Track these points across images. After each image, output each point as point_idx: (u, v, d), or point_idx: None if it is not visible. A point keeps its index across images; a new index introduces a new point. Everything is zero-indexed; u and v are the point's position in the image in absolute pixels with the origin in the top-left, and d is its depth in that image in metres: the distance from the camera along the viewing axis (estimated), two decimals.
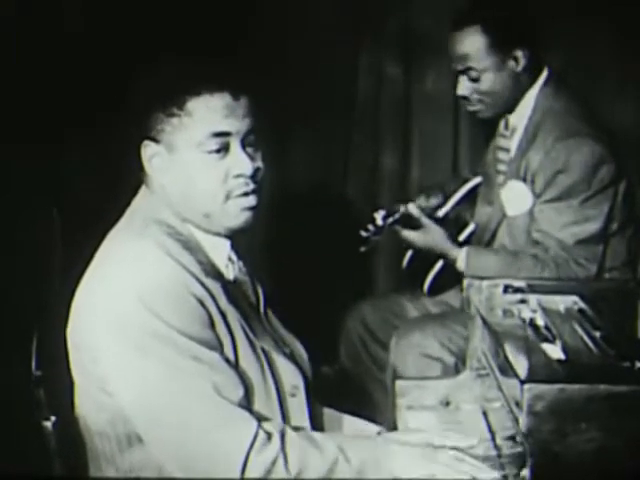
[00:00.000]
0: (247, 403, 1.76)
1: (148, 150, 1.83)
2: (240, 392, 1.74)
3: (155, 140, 1.81)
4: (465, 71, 2.75)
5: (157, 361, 1.70)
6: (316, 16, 3.54)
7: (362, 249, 2.89)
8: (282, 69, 3.46)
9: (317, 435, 1.79)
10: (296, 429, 1.79)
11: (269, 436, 1.72)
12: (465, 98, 2.79)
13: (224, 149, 1.80)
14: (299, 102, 3.54)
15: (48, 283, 1.92)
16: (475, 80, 2.74)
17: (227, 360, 1.76)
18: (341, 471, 1.73)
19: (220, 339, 1.77)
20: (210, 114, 1.78)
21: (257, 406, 1.79)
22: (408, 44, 3.64)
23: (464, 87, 2.77)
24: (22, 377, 1.81)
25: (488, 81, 2.74)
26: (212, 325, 1.76)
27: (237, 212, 1.81)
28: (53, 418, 1.78)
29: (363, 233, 2.87)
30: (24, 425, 1.82)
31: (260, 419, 1.75)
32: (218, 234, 1.85)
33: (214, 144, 1.79)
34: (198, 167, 1.79)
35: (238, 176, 1.80)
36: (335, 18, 3.59)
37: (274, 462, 1.71)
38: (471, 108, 2.81)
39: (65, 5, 2.95)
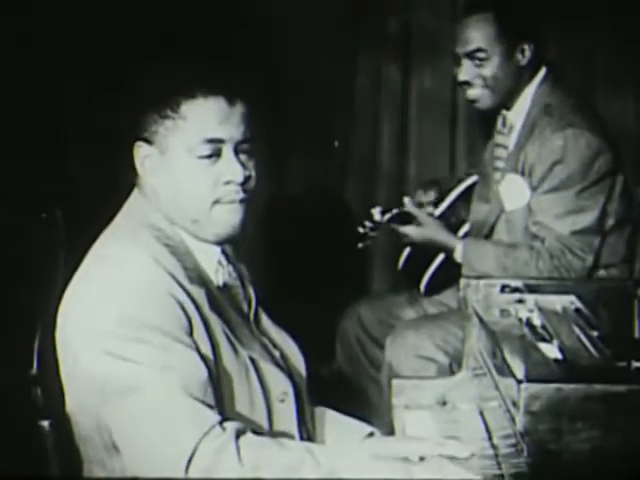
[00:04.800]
0: (216, 403, 1.71)
1: (141, 151, 1.80)
2: (208, 390, 1.69)
3: (148, 141, 1.79)
4: (471, 54, 2.73)
5: (129, 366, 1.67)
6: (315, 16, 3.55)
7: (360, 245, 2.90)
8: (281, 69, 3.47)
9: (284, 439, 1.75)
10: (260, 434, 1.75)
11: (224, 430, 1.67)
12: (467, 83, 2.76)
13: (216, 155, 1.77)
14: (298, 101, 3.54)
15: (51, 283, 1.91)
16: (480, 63, 2.71)
17: (202, 356, 1.71)
18: (308, 472, 1.67)
19: (198, 345, 1.73)
20: (204, 119, 1.76)
21: (241, 413, 1.76)
22: (407, 44, 3.64)
23: (467, 72, 2.74)
24: (19, 377, 1.81)
25: (493, 66, 2.71)
26: (191, 331, 1.73)
27: (225, 219, 1.78)
28: (50, 418, 1.78)
29: (360, 229, 2.89)
30: (21, 425, 1.82)
31: (226, 419, 1.70)
32: (206, 241, 1.81)
33: (206, 150, 1.76)
34: (188, 171, 1.77)
35: (228, 183, 1.77)
36: (334, 18, 3.60)
37: (222, 449, 1.65)
38: (472, 93, 2.76)
39: (63, 6, 2.95)
